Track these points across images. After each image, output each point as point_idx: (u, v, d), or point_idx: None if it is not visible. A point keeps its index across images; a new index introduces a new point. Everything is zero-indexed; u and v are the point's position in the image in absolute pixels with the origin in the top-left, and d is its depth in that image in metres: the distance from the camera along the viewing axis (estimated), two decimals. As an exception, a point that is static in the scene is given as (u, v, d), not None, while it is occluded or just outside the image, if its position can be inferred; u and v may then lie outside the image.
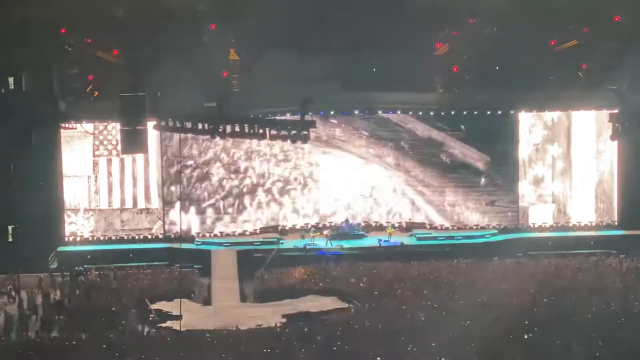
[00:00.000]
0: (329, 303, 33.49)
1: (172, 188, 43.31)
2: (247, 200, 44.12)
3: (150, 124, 35.30)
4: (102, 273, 37.47)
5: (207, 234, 43.42)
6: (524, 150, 44.64)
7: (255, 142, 42.62)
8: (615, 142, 42.73)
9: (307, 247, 41.65)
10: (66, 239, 42.38)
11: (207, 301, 35.22)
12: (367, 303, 31.87)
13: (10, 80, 37.49)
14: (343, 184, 44.65)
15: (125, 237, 42.80)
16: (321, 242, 42.22)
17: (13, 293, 33.61)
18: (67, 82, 40.81)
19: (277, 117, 40.72)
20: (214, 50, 41.34)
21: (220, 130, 34.80)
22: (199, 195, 43.67)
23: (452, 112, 43.77)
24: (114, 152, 42.50)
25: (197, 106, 37.44)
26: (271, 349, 24.78)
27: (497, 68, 42.49)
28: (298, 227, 44.32)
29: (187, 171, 43.57)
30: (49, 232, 41.02)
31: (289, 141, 36.43)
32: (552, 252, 40.97)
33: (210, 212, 43.80)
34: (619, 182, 44.52)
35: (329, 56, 40.68)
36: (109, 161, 42.74)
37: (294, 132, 35.17)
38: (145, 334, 29.12)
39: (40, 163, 40.59)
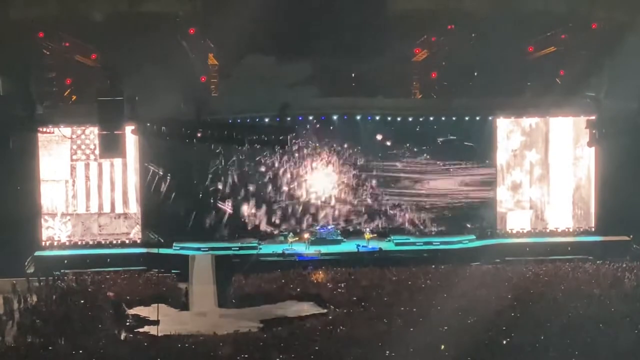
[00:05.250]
0: (307, 308, 33.55)
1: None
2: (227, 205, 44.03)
3: (129, 129, 35.22)
4: (79, 278, 37.21)
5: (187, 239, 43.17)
6: (502, 156, 44.73)
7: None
8: (593, 149, 42.94)
9: (286, 252, 41.55)
10: (43, 243, 41.98)
11: (184, 306, 35.07)
12: (345, 308, 31.82)
13: (-12, 84, 37.27)
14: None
15: (103, 242, 42.46)
16: (300, 247, 42.16)
17: (-11, 298, 33.33)
18: (44, 86, 40.60)
19: (256, 122, 40.74)
20: (192, 54, 41.37)
21: (199, 135, 34.70)
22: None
23: (431, 118, 43.69)
24: (92, 157, 42.16)
25: (176, 111, 37.38)
26: (249, 354, 24.77)
27: (476, 74, 42.74)
28: (277, 232, 44.12)
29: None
30: (26, 236, 40.68)
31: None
32: (529, 257, 41.16)
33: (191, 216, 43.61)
34: (596, 188, 44.61)
35: (307, 61, 40.80)
36: (87, 165, 42.40)
37: (272, 137, 35.14)
38: (122, 339, 28.96)
39: (18, 167, 40.30)
